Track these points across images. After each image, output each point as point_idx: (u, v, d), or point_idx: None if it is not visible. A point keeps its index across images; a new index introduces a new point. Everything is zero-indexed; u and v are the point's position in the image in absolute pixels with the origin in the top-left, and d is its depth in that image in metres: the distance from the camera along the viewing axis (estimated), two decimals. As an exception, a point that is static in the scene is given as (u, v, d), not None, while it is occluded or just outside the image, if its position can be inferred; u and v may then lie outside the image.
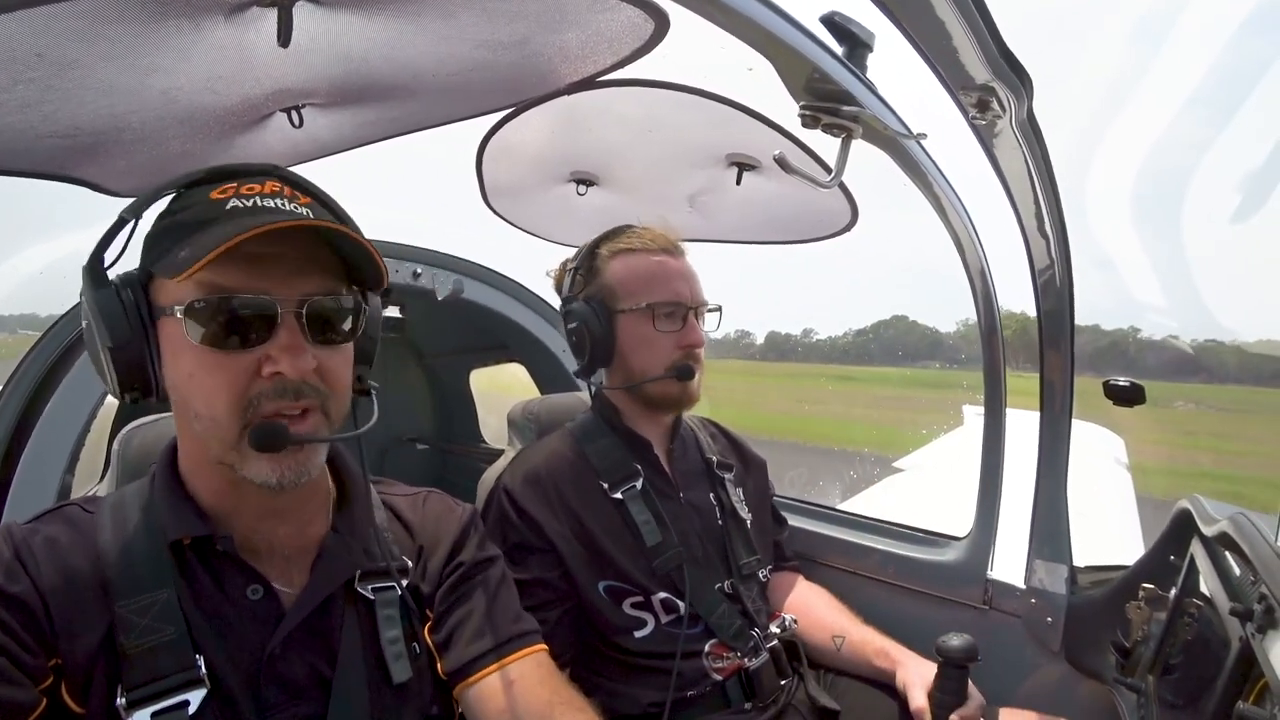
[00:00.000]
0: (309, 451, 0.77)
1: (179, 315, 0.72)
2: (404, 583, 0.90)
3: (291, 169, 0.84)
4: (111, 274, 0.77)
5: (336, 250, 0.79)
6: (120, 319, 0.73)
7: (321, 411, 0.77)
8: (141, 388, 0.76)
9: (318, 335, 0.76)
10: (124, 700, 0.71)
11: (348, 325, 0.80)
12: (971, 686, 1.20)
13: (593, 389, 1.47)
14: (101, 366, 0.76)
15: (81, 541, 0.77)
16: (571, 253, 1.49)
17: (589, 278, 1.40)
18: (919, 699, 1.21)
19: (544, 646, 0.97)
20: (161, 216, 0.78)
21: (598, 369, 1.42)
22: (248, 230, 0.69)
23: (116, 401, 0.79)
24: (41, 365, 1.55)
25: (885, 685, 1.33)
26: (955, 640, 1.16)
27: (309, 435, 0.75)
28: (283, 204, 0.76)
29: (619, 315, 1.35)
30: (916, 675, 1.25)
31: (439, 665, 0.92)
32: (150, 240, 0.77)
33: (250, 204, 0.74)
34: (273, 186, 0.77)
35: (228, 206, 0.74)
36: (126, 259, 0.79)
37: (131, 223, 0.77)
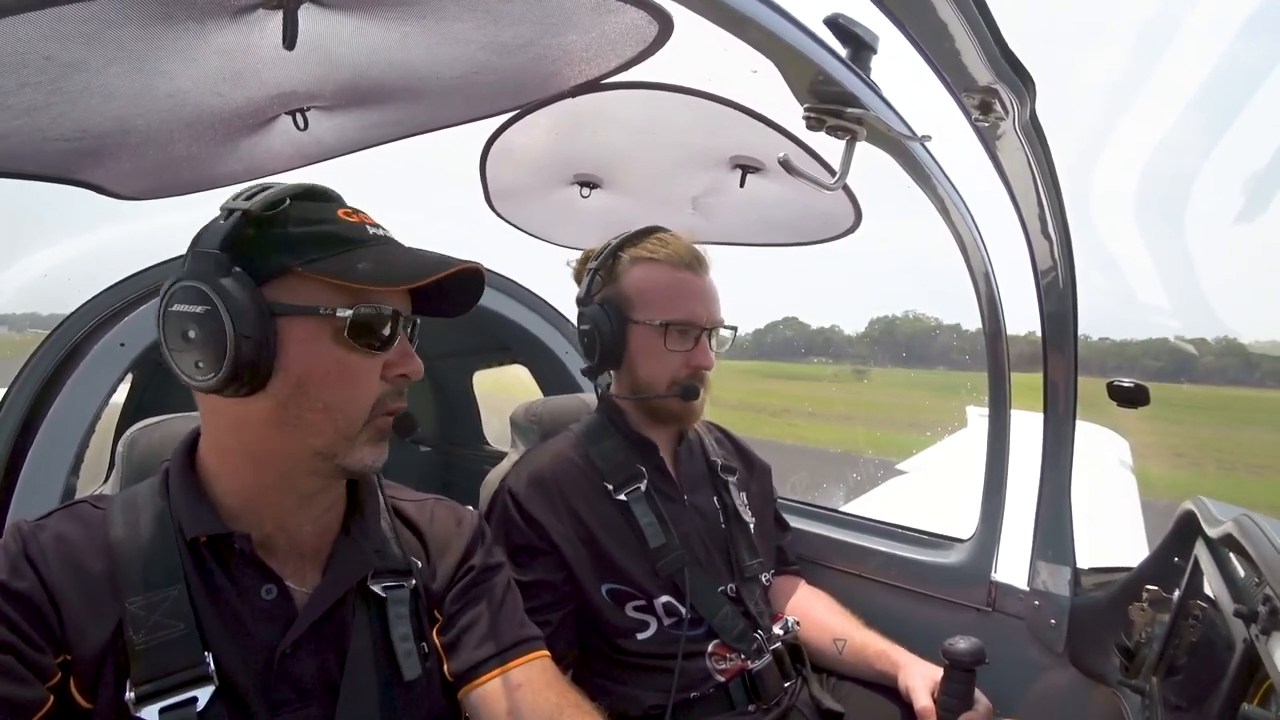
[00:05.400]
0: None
1: (339, 315, 0.77)
2: (413, 582, 0.91)
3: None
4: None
5: None
6: (251, 308, 0.74)
7: None
8: (252, 379, 0.75)
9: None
10: (132, 695, 0.71)
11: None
12: (978, 691, 1.20)
13: (599, 390, 1.47)
14: (199, 356, 0.75)
15: (92, 538, 0.77)
16: (570, 254, 1.49)
17: (608, 279, 1.38)
18: (923, 699, 1.21)
19: (547, 652, 0.98)
20: (298, 222, 0.79)
21: (605, 371, 1.42)
22: (446, 269, 0.81)
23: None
24: (46, 367, 1.55)
25: (888, 688, 1.32)
26: (962, 643, 1.16)
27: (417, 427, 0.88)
28: (391, 234, 0.86)
29: (633, 325, 1.34)
30: (920, 677, 1.25)
31: (445, 667, 0.92)
32: (289, 241, 0.78)
33: (382, 234, 0.84)
34: (370, 218, 0.86)
35: (371, 232, 0.82)
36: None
37: (238, 214, 0.77)
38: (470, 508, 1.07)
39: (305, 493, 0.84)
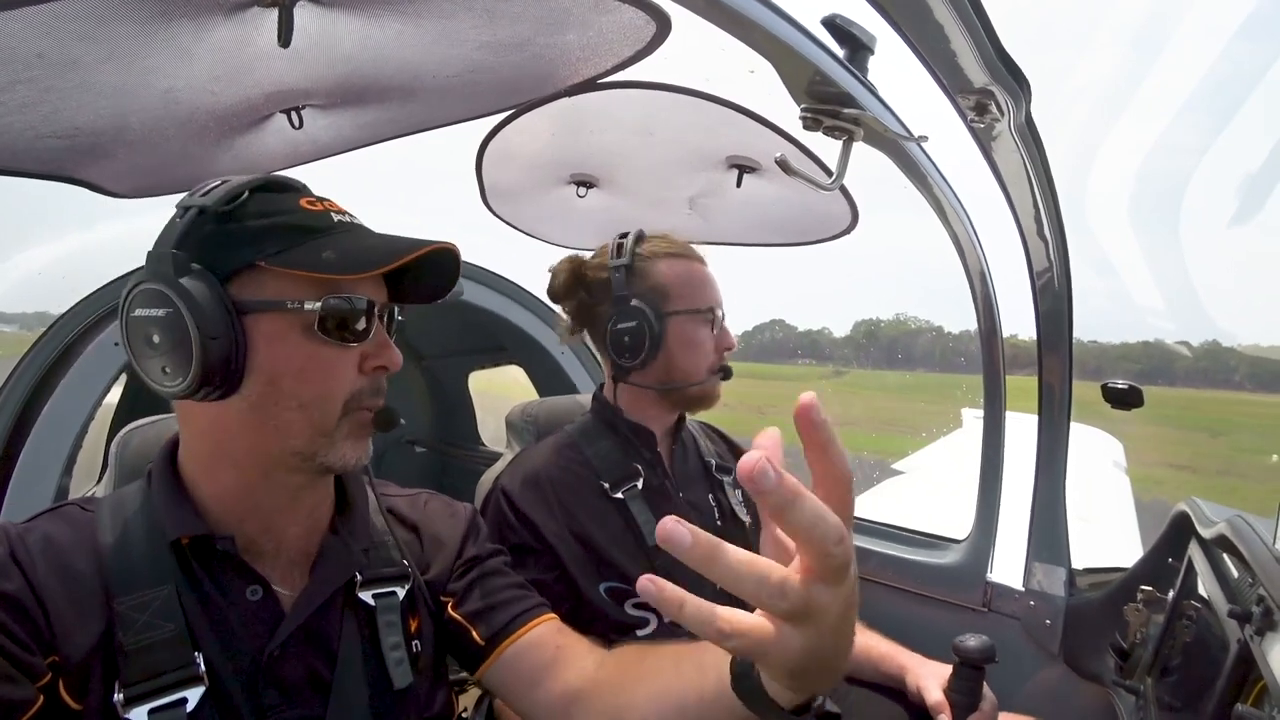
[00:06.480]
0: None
1: (308, 309, 0.75)
2: (404, 588, 0.90)
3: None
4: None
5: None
6: (215, 307, 0.73)
7: None
8: (224, 382, 0.74)
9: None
10: (121, 697, 0.70)
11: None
12: (985, 688, 1.20)
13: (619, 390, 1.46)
14: (165, 361, 0.74)
15: (80, 539, 0.77)
16: (566, 253, 1.48)
17: (631, 276, 1.36)
18: (935, 694, 1.20)
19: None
20: (258, 215, 0.77)
21: (645, 367, 1.37)
22: (415, 251, 0.77)
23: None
24: (39, 366, 1.55)
25: (888, 689, 1.32)
26: (972, 641, 1.15)
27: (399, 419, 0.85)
28: (361, 221, 0.84)
29: (671, 316, 1.34)
30: (931, 677, 1.24)
31: (474, 633, 0.92)
32: (250, 234, 0.76)
33: (347, 220, 0.81)
34: (336, 205, 0.84)
35: (335, 219, 0.79)
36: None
37: (194, 211, 0.76)
38: (465, 503, 1.07)
39: (289, 493, 0.83)
